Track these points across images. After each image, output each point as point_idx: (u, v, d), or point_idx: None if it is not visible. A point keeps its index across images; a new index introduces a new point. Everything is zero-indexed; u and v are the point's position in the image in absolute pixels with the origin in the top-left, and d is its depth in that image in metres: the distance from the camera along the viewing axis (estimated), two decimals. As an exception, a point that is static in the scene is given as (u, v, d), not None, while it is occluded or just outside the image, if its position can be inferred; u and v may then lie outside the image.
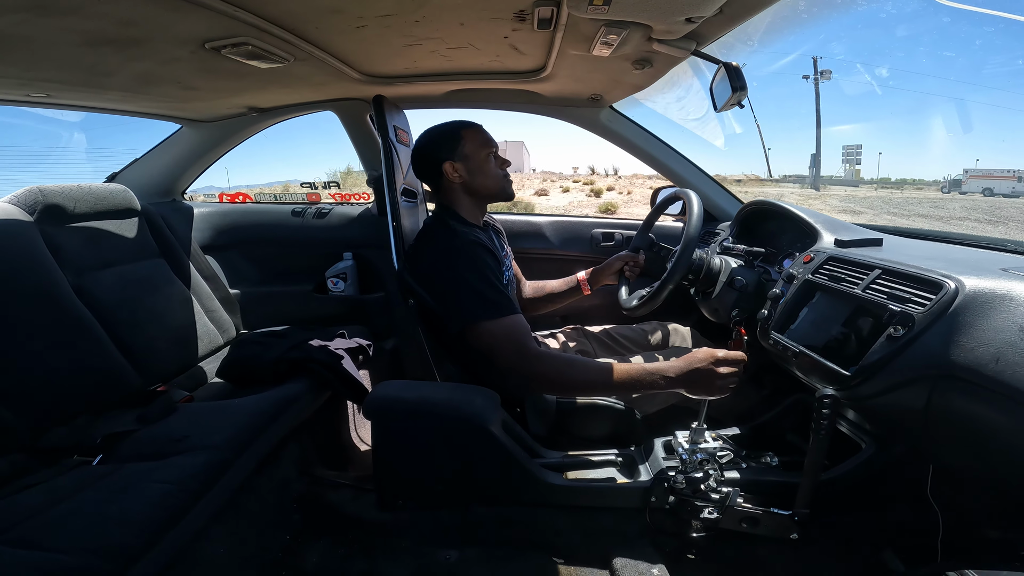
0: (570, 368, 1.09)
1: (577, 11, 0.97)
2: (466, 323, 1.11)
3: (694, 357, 1.05)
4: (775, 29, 5.47)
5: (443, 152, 1.25)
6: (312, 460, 1.51)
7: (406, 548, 1.22)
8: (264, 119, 1.94)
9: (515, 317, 1.12)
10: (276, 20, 1.05)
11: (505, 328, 1.10)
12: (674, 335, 1.62)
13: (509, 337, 1.10)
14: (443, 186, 1.29)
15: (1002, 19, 52.17)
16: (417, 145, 1.31)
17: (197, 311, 1.76)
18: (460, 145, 1.26)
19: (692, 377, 1.02)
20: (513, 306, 1.13)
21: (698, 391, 1.04)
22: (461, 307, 1.12)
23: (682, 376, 1.03)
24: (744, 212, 1.57)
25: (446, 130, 1.28)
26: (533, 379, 1.08)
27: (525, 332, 1.12)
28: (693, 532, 1.13)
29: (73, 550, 0.81)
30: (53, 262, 1.33)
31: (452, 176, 1.26)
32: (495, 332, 1.10)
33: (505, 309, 1.11)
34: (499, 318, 1.10)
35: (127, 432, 1.18)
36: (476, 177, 1.27)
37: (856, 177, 37.69)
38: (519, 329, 1.11)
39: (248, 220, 2.15)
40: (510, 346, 1.09)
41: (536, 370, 1.08)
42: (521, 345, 1.09)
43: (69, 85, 1.33)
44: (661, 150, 1.89)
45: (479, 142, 1.27)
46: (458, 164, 1.26)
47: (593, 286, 1.57)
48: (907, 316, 0.85)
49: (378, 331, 2.01)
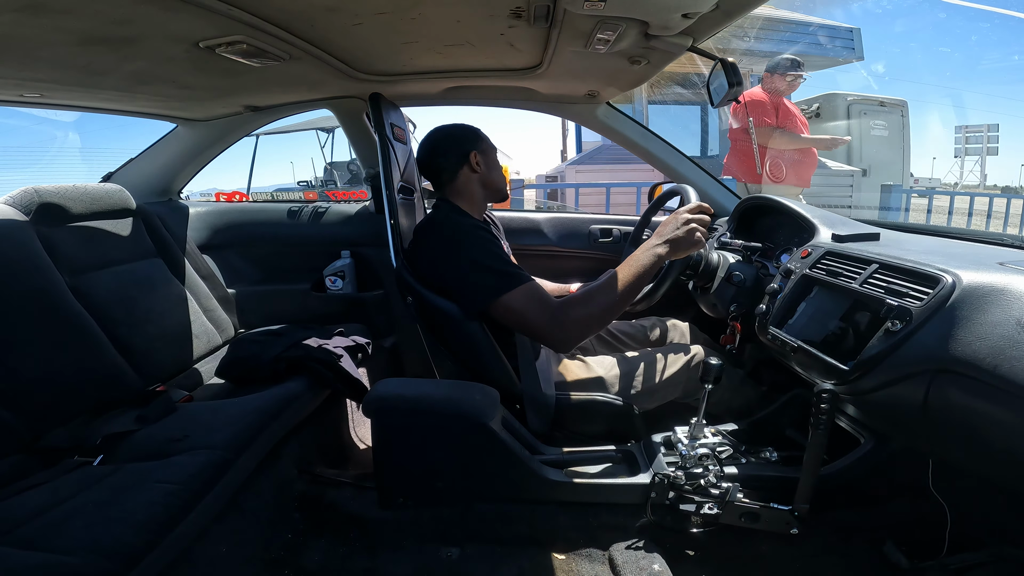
0: (592, 300, 1.11)
1: (573, 7, 0.97)
2: (488, 301, 1.13)
3: (662, 225, 1.14)
4: (771, 25, 5.42)
5: (468, 143, 1.33)
6: (312, 459, 1.51)
7: (407, 546, 1.22)
8: (260, 118, 1.93)
9: (530, 283, 1.14)
10: (271, 18, 1.04)
11: (526, 294, 1.12)
12: (672, 330, 1.63)
13: (533, 300, 1.12)
14: (460, 176, 1.32)
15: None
16: (436, 138, 1.35)
17: (195, 311, 1.75)
18: (481, 142, 1.35)
19: (671, 237, 1.10)
20: (525, 273, 1.16)
21: (682, 247, 1.11)
22: (477, 287, 1.14)
23: (665, 240, 1.11)
24: (742, 207, 1.58)
25: (466, 127, 1.37)
26: (570, 326, 1.10)
27: (544, 292, 1.14)
28: (693, 528, 1.13)
29: (75, 550, 0.81)
30: (49, 262, 1.32)
31: (476, 166, 1.32)
32: (519, 300, 1.12)
33: (520, 278, 1.14)
34: (518, 287, 1.12)
35: (127, 432, 1.17)
36: (492, 171, 1.36)
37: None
38: (539, 291, 1.14)
39: (245, 219, 2.14)
40: (538, 308, 1.11)
41: (570, 317, 1.10)
42: (546, 304, 1.12)
43: (63, 85, 1.33)
44: (658, 146, 1.88)
45: (489, 144, 1.38)
46: (480, 156, 1.33)
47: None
48: (905, 310, 0.85)
49: (377, 329, 2.01)
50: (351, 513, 1.30)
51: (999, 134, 15.08)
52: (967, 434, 0.82)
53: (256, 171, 6.22)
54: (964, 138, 16.41)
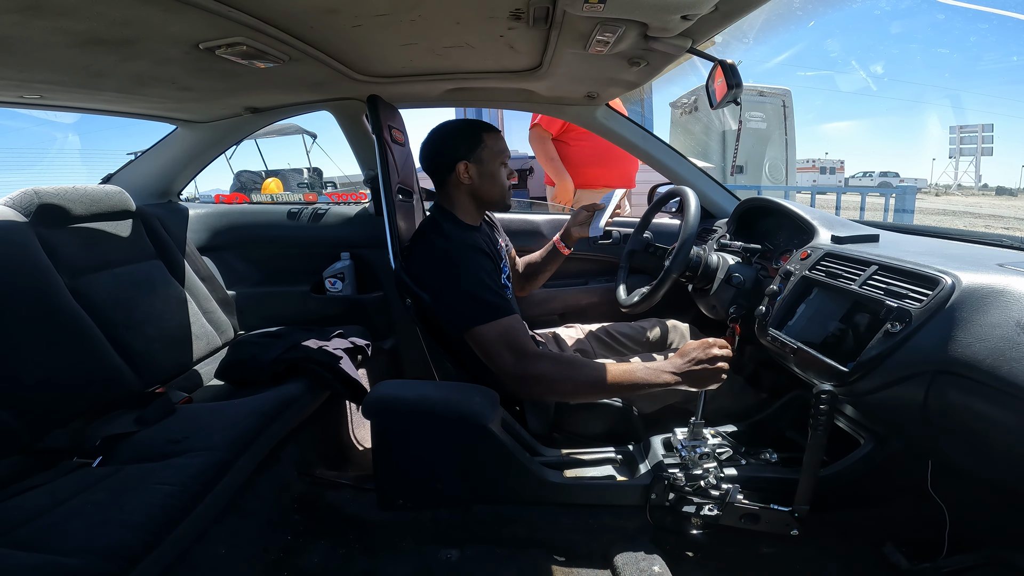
0: (570, 368, 1.09)
1: (573, 9, 0.97)
2: (464, 328, 1.11)
3: (687, 348, 1.07)
4: (770, 27, 5.35)
5: (460, 151, 1.25)
6: (312, 460, 1.51)
7: (407, 547, 1.22)
8: (260, 119, 1.93)
9: (511, 318, 1.11)
10: (271, 20, 1.04)
11: (501, 330, 1.10)
12: (672, 332, 1.63)
13: (505, 338, 1.09)
14: (449, 183, 1.28)
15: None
16: (433, 138, 1.29)
17: (194, 312, 1.75)
18: (479, 149, 1.26)
19: (692, 369, 1.04)
20: (510, 307, 1.13)
21: (698, 383, 1.05)
22: (457, 313, 1.12)
23: (682, 371, 1.05)
24: (741, 209, 1.58)
25: (468, 130, 1.27)
26: (532, 380, 1.08)
27: (522, 333, 1.12)
28: (693, 529, 1.13)
29: (75, 552, 0.81)
30: (49, 264, 1.32)
31: (463, 177, 1.26)
32: (490, 335, 1.09)
33: (501, 311, 1.11)
34: (495, 320, 1.10)
35: (126, 434, 1.17)
36: (485, 183, 1.27)
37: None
38: (516, 329, 1.11)
39: (245, 221, 2.15)
40: (506, 348, 1.08)
41: (535, 371, 1.07)
42: (518, 345, 1.09)
43: (63, 86, 1.33)
44: (657, 147, 1.89)
45: (496, 149, 1.28)
46: (472, 166, 1.26)
47: (568, 243, 1.59)
48: (904, 312, 0.85)
49: (376, 331, 2.01)
50: (350, 515, 1.30)
51: (994, 134, 14.99)
52: (967, 435, 0.82)
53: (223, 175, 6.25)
54: (959, 138, 16.32)
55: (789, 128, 5.46)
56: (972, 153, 14.98)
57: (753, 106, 5.31)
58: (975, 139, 15.09)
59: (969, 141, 15.16)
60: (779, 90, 5.55)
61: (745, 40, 5.24)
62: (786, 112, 5.45)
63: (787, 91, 5.50)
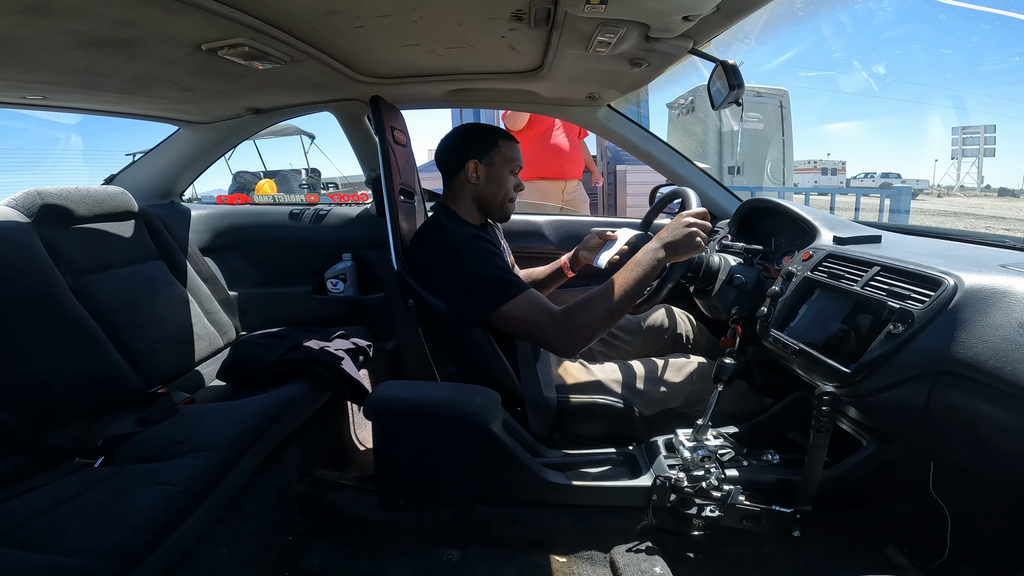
0: (593, 305, 1.10)
1: (574, 10, 0.97)
2: (488, 312, 1.12)
3: (665, 227, 1.14)
4: (771, 27, 5.33)
5: (474, 150, 1.28)
6: (313, 461, 1.51)
7: (408, 548, 1.22)
8: (261, 120, 1.93)
9: (531, 291, 1.14)
10: (273, 21, 1.04)
11: (527, 302, 1.12)
12: (680, 320, 1.64)
13: (536, 308, 1.12)
14: (456, 181, 1.31)
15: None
16: (453, 135, 1.33)
17: (196, 313, 1.76)
18: (493, 152, 1.29)
19: (670, 241, 1.10)
20: (523, 282, 1.15)
21: (680, 252, 1.11)
22: (477, 297, 1.13)
23: (665, 244, 1.10)
24: (743, 210, 1.58)
25: (486, 132, 1.32)
26: (575, 334, 1.10)
27: (544, 299, 1.14)
28: (695, 530, 1.13)
29: (76, 551, 0.81)
30: (52, 265, 1.32)
31: (471, 176, 1.28)
32: (522, 309, 1.11)
33: (518, 285, 1.13)
34: (519, 294, 1.12)
35: (128, 434, 1.18)
36: (491, 185, 1.30)
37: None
38: (539, 296, 1.14)
39: (246, 222, 2.15)
40: (542, 315, 1.11)
41: (574, 324, 1.09)
42: (549, 309, 1.11)
43: (66, 87, 1.33)
44: (659, 148, 1.89)
45: (509, 156, 1.31)
46: (481, 167, 1.28)
47: (575, 267, 1.58)
48: (906, 313, 0.85)
49: (378, 331, 2.01)
50: (352, 515, 1.30)
51: (996, 135, 15.00)
52: (969, 436, 0.82)
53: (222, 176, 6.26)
54: (961, 139, 16.38)
55: (786, 129, 5.44)
56: (974, 154, 15.02)
57: (751, 107, 5.29)
58: (977, 140, 15.10)
59: (971, 142, 15.17)
60: (777, 91, 5.54)
61: (747, 41, 5.26)
62: (783, 113, 5.43)
63: (784, 92, 5.48)
